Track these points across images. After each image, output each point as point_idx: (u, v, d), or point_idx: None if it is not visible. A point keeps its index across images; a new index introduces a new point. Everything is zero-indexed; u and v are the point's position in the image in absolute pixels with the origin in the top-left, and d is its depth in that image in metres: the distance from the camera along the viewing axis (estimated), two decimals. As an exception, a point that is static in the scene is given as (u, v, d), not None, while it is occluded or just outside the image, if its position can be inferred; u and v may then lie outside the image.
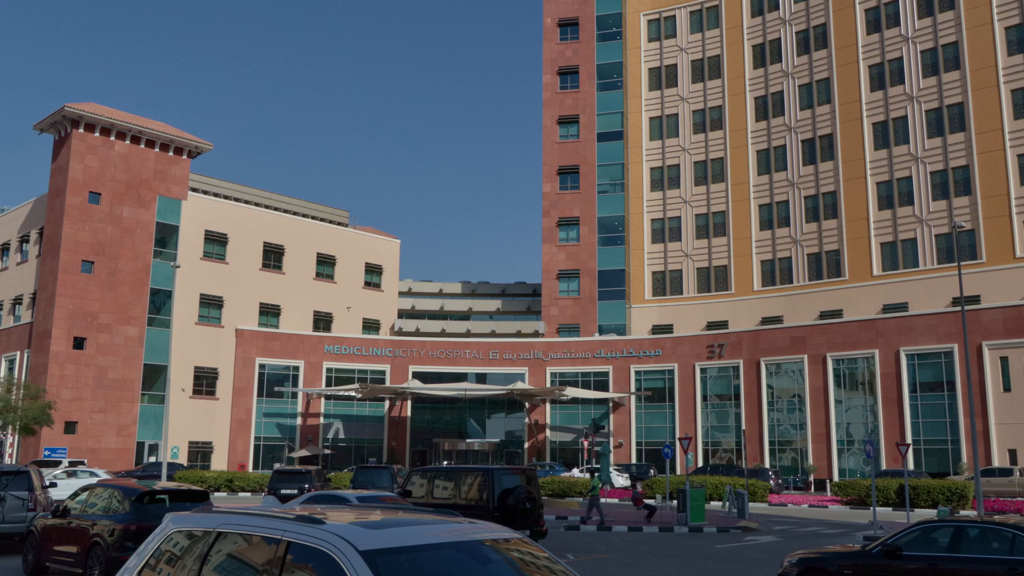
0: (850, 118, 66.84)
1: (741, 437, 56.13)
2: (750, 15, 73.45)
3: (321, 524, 5.15)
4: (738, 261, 70.60)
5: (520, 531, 15.52)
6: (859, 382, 55.02)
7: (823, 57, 68.95)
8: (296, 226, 70.76)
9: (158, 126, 62.01)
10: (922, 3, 64.85)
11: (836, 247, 66.30)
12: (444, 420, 67.20)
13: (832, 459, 54.81)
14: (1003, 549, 11.85)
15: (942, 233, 61.70)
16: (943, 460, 51.13)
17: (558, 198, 74.34)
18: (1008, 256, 58.69)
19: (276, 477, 33.33)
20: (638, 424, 62.94)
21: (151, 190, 60.49)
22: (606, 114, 75.18)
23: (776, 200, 69.86)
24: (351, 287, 72.29)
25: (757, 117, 71.94)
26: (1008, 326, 49.68)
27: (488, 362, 66.52)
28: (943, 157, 62.42)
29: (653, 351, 63.24)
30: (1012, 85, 60.16)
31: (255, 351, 63.50)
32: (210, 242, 63.85)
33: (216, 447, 61.53)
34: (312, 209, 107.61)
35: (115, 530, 14.82)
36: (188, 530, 5.95)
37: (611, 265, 72.54)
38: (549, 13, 77.89)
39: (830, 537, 26.28)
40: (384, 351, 66.63)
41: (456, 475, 20.98)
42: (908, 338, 53.10)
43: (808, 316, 64.83)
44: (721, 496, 40.64)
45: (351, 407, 65.71)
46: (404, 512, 6.10)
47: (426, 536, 5.16)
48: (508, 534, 5.62)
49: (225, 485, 46.81)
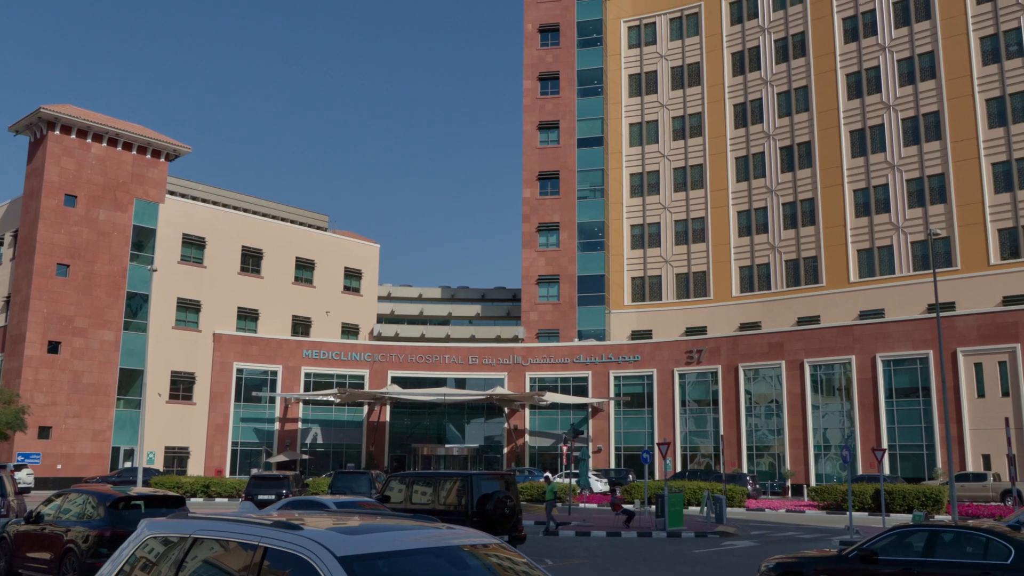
0: (828, 126, 67.43)
1: (719, 442, 56.40)
2: (729, 23, 73.98)
3: (298, 530, 5.12)
4: (717, 267, 70.99)
5: (499, 536, 15.49)
6: (836, 388, 55.43)
7: (801, 65, 69.55)
8: (275, 230, 70.41)
9: (135, 128, 61.55)
10: (899, 13, 65.59)
11: (814, 254, 66.82)
12: (423, 425, 67.04)
13: (809, 464, 55.16)
14: (977, 553, 11.98)
15: (918, 240, 62.34)
16: (918, 465, 51.59)
17: (538, 203, 74.46)
18: (982, 263, 59.38)
19: (253, 482, 33.13)
20: (617, 429, 63.08)
21: (128, 193, 60.00)
22: (586, 120, 75.42)
23: (755, 207, 70.33)
24: (330, 292, 72.01)
25: (736, 124, 72.42)
26: (982, 333, 50.24)
27: (468, 367, 66.44)
28: (919, 165, 63.11)
29: (632, 356, 63.43)
30: (987, 95, 60.94)
31: (233, 355, 63.08)
32: (188, 246, 63.41)
33: (193, 452, 61.05)
34: (291, 213, 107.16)
35: (89, 536, 14.66)
36: (164, 536, 5.90)
37: (591, 271, 72.71)
38: (530, 19, 78.07)
39: (807, 542, 26.44)
40: (363, 356, 66.39)
41: (435, 480, 20.93)
42: (884, 344, 53.58)
43: (786, 322, 65.26)
44: (699, 501, 40.80)
45: (329, 412, 65.41)
46: (382, 518, 6.07)
47: (404, 542, 5.15)
48: (486, 539, 5.61)
49: (202, 491, 46.45)
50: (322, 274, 71.63)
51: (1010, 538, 11.84)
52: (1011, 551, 11.62)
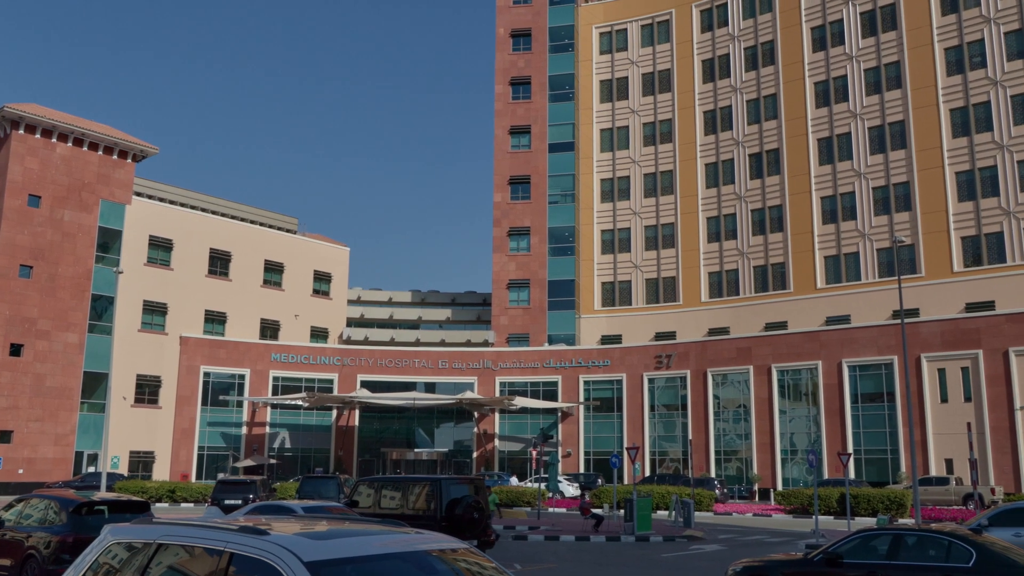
0: (796, 133, 68.21)
1: (688, 447, 56.73)
2: (700, 31, 74.62)
3: (265, 535, 5.08)
4: (686, 273, 71.47)
5: (468, 541, 15.47)
6: (803, 393, 56.01)
7: (770, 73, 70.31)
8: (243, 232, 69.84)
9: (102, 128, 60.78)
10: (866, 23, 66.53)
11: (781, 260, 67.52)
12: (392, 429, 66.76)
13: (776, 468, 55.66)
14: (939, 556, 12.15)
15: (883, 247, 63.22)
16: (883, 469, 52.24)
17: (509, 208, 74.53)
18: (946, 271, 60.34)
19: (220, 487, 32.79)
20: (586, 434, 63.24)
21: (94, 194, 59.22)
22: (557, 125, 75.67)
23: (724, 213, 70.93)
24: (299, 295, 71.54)
25: (706, 131, 73.04)
26: (945, 339, 51.03)
27: (437, 371, 66.30)
28: (885, 173, 64.02)
29: (602, 361, 63.64)
30: (951, 104, 61.99)
31: (200, 359, 62.44)
32: (155, 248, 62.71)
33: (158, 457, 60.30)
34: (260, 215, 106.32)
35: (51, 542, 14.44)
36: (127, 542, 5.82)
37: (561, 275, 72.90)
38: (502, 23, 78.20)
39: (773, 546, 26.66)
40: (332, 360, 66.00)
41: (404, 485, 20.84)
42: (850, 350, 54.23)
43: (754, 328, 65.85)
44: (668, 505, 41.01)
45: (298, 416, 64.94)
46: (350, 522, 6.04)
47: (372, 547, 5.12)
48: (455, 544, 5.60)
49: (167, 496, 45.91)
50: (291, 277, 71.14)
51: (971, 541, 12.03)
52: (972, 554, 11.81)
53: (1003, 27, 60.64)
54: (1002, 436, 48.40)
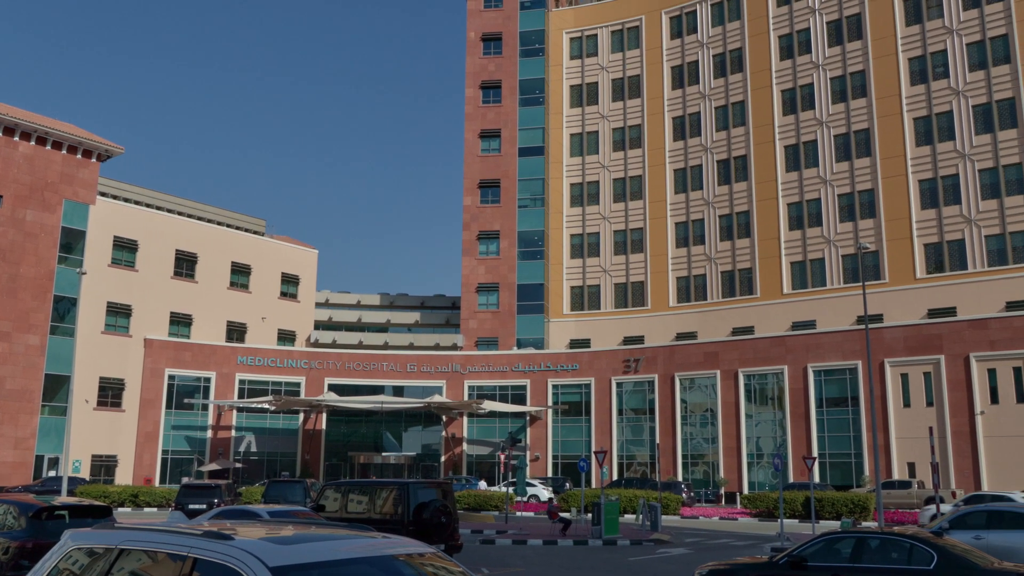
0: (763, 140, 68.93)
1: (655, 451, 57.02)
2: (669, 37, 75.19)
3: (229, 540, 5.02)
4: (655, 277, 71.89)
5: (435, 546, 15.41)
6: (769, 397, 56.53)
7: (738, 81, 70.99)
8: (210, 234, 69.12)
9: (66, 127, 59.88)
10: (832, 32, 67.42)
11: (748, 265, 68.14)
12: (360, 433, 66.39)
13: (742, 472, 56.11)
14: (901, 559, 12.32)
15: (848, 254, 64.03)
16: (847, 473, 52.86)
17: (479, 211, 74.52)
18: (909, 277, 61.26)
19: (184, 491, 32.39)
20: (555, 438, 63.33)
21: (57, 193, 58.31)
22: (528, 129, 75.82)
23: (692, 218, 71.48)
24: (266, 297, 70.93)
25: (675, 137, 73.57)
26: (908, 344, 51.78)
27: (406, 375, 66.07)
28: (850, 180, 64.87)
29: (570, 365, 63.80)
30: (914, 113, 62.99)
31: (164, 361, 61.68)
32: (119, 248, 61.86)
33: (121, 461, 59.44)
34: (227, 217, 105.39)
35: (9, 548, 14.16)
36: (89, 547, 5.73)
37: (530, 279, 73.00)
38: (473, 27, 78.23)
39: (739, 549, 26.86)
40: (299, 363, 65.53)
41: (371, 489, 20.72)
42: (815, 355, 54.84)
43: (721, 332, 66.36)
44: (635, 509, 41.16)
45: (264, 420, 64.36)
46: (317, 527, 5.99)
47: (338, 551, 5.08)
48: (422, 549, 5.58)
49: (130, 500, 45.27)
50: (258, 279, 70.52)
51: (933, 543, 12.22)
52: (934, 556, 11.99)
53: (965, 38, 61.75)
54: (963, 440, 49.20)
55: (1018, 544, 17.26)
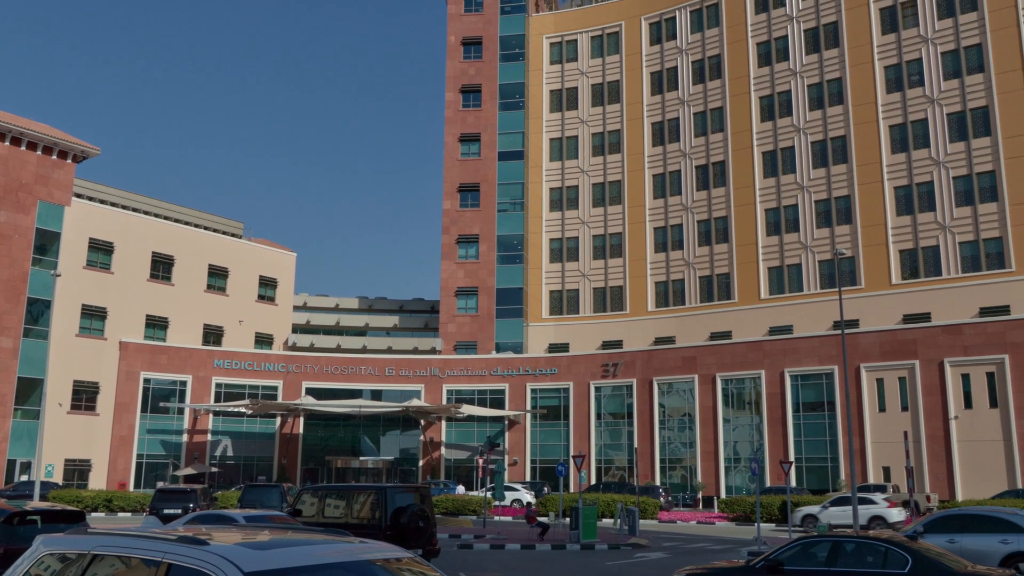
0: (741, 146, 69.37)
1: (633, 455, 57.15)
2: (649, 43, 75.55)
3: (204, 545, 4.97)
4: (633, 282, 72.13)
5: (412, 550, 15.35)
6: (746, 402, 56.84)
7: (717, 87, 71.44)
8: (187, 236, 68.61)
9: (41, 128, 59.26)
10: (810, 40, 68.01)
11: (726, 270, 68.52)
12: (337, 437, 66.08)
13: (720, 477, 56.36)
14: (876, 563, 12.43)
15: (825, 259, 64.56)
16: (823, 477, 53.23)
17: (458, 215, 74.48)
18: (884, 283, 61.84)
19: (159, 496, 32.11)
20: (533, 442, 63.34)
21: (31, 194, 57.67)
22: (507, 134, 75.89)
23: (670, 223, 71.79)
24: (244, 300, 70.47)
25: (654, 142, 73.90)
26: (884, 349, 52.26)
27: (384, 379, 65.85)
28: (827, 187, 65.41)
29: (549, 369, 63.85)
30: (890, 121, 63.64)
31: (140, 365, 61.13)
32: (94, 250, 61.26)
33: (95, 465, 58.80)
34: (205, 219, 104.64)
35: (-20, 553, 13.94)
36: (61, 553, 5.66)
37: (509, 283, 73.02)
38: (453, 31, 78.24)
39: (716, 553, 26.97)
40: (277, 366, 65.14)
41: (348, 493, 20.62)
42: (792, 359, 55.21)
43: (699, 337, 66.67)
44: (613, 513, 41.24)
45: (241, 424, 63.91)
46: (293, 532, 5.95)
47: (315, 556, 5.04)
48: (400, 553, 5.55)
49: (104, 505, 44.80)
50: (236, 282, 70.06)
51: (907, 547, 12.32)
52: (908, 560, 12.10)
53: (940, 47, 62.49)
54: (937, 445, 49.70)
55: (991, 548, 17.44)
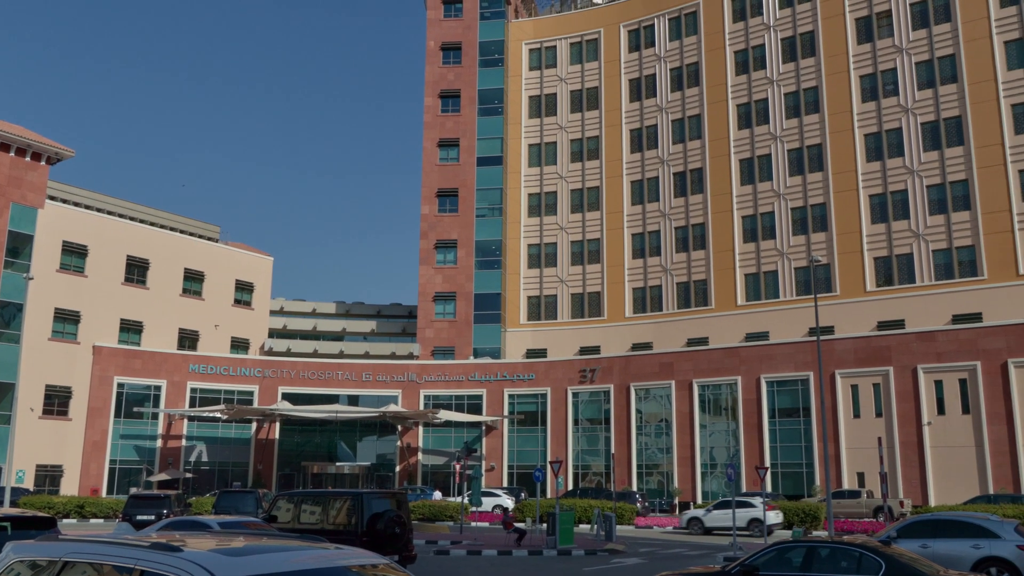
0: (718, 154, 69.84)
1: (610, 461, 57.23)
2: (627, 50, 75.93)
3: (178, 552, 4.92)
4: (611, 288, 72.34)
5: (389, 557, 15.28)
6: (723, 407, 57.12)
7: (695, 94, 71.89)
8: (163, 240, 68.04)
9: (14, 129, 58.59)
10: (786, 49, 68.64)
11: (704, 277, 68.89)
12: (314, 443, 65.70)
13: (696, 482, 56.56)
14: (851, 567, 12.52)
15: (801, 266, 65.09)
16: (798, 483, 53.58)
17: (436, 220, 74.40)
18: (859, 290, 62.43)
19: (132, 502, 31.76)
20: (510, 447, 63.29)
21: (4, 196, 56.98)
22: (486, 139, 75.94)
23: (648, 230, 72.10)
24: (220, 304, 69.96)
25: (632, 149, 74.23)
26: (859, 356, 52.73)
27: (361, 384, 65.57)
28: (803, 194, 65.98)
29: (527, 375, 63.86)
30: (865, 130, 64.33)
31: (114, 369, 60.49)
32: (68, 253, 60.60)
33: (67, 471, 58.09)
34: (181, 223, 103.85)
35: (-52, 561, 13.72)
36: (31, 560, 5.58)
37: (487, 289, 73.00)
38: (432, 36, 78.26)
39: (693, 558, 27.05)
40: (253, 371, 64.69)
41: (324, 499, 20.50)
42: (768, 366, 55.57)
43: (676, 343, 66.96)
44: (590, 519, 41.26)
45: (216, 429, 63.40)
46: (268, 538, 5.90)
47: (290, 563, 5.01)
48: (375, 560, 5.52)
49: (75, 511, 44.28)
50: (212, 286, 69.55)
51: (881, 552, 12.42)
52: (882, 565, 12.20)
53: (914, 57, 63.28)
54: (911, 450, 50.18)
55: (963, 552, 17.62)
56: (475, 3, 78.72)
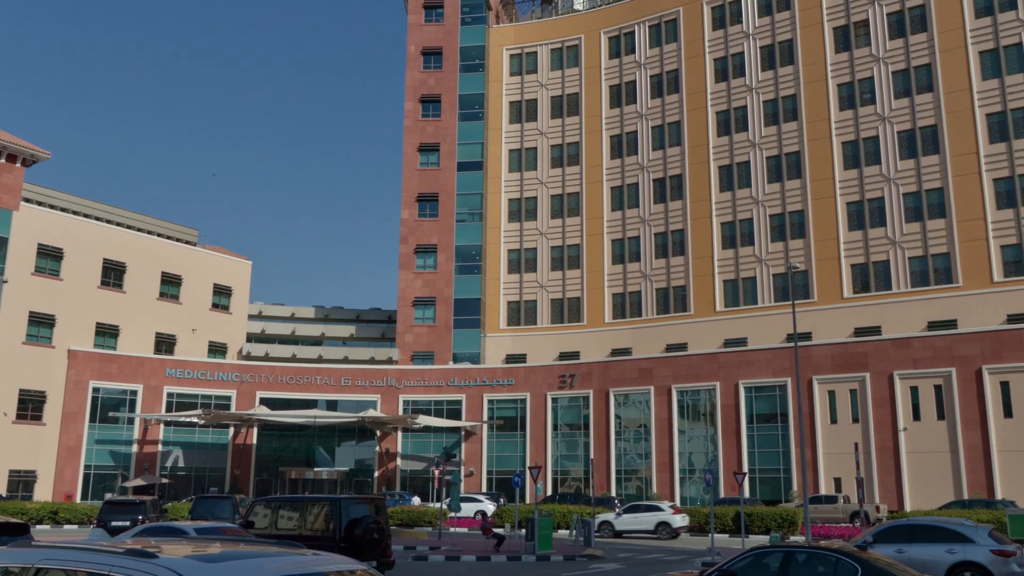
0: (698, 160, 70.22)
1: (589, 466, 57.30)
2: (608, 57, 76.24)
3: (153, 558, 4.87)
4: (590, 293, 72.50)
5: (367, 562, 15.21)
6: (701, 413, 57.35)
7: (675, 101, 72.28)
8: (140, 243, 67.49)
9: (-11, 130, 57.94)
10: (765, 57, 69.18)
11: (683, 283, 69.20)
12: (292, 448, 65.32)
13: (675, 487, 56.73)
14: (827, 572, 12.59)
15: (779, 273, 65.55)
16: (776, 488, 53.86)
17: (416, 225, 74.29)
18: (836, 296, 62.93)
19: (107, 508, 31.44)
20: (490, 453, 63.22)
21: (-22, 198, 56.31)
22: (467, 144, 75.96)
23: (628, 235, 72.35)
24: (198, 309, 69.46)
25: (612, 155, 74.49)
26: (836, 362, 53.13)
27: (340, 389, 65.29)
28: (781, 201, 66.47)
29: (506, 380, 63.84)
30: (842, 138, 64.92)
31: (89, 373, 59.87)
32: (43, 256, 59.97)
33: (41, 476, 57.40)
34: (158, 226, 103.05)
35: (-82, 567, 13.52)
36: (3, 567, 5.51)
37: (467, 294, 72.95)
38: (413, 41, 78.21)
39: (671, 564, 27.11)
40: (230, 376, 64.24)
41: (302, 505, 20.37)
42: (746, 371, 55.87)
43: (655, 348, 67.17)
44: (569, 524, 41.28)
45: (193, 434, 62.88)
46: (245, 544, 5.86)
47: (267, 569, 4.97)
48: (353, 566, 5.49)
49: (49, 517, 43.76)
50: (189, 290, 69.05)
51: (857, 558, 12.51)
52: (858, 570, 12.28)
53: (891, 66, 63.96)
54: (887, 456, 50.59)
55: (938, 557, 17.78)
56: (456, 8, 78.80)
